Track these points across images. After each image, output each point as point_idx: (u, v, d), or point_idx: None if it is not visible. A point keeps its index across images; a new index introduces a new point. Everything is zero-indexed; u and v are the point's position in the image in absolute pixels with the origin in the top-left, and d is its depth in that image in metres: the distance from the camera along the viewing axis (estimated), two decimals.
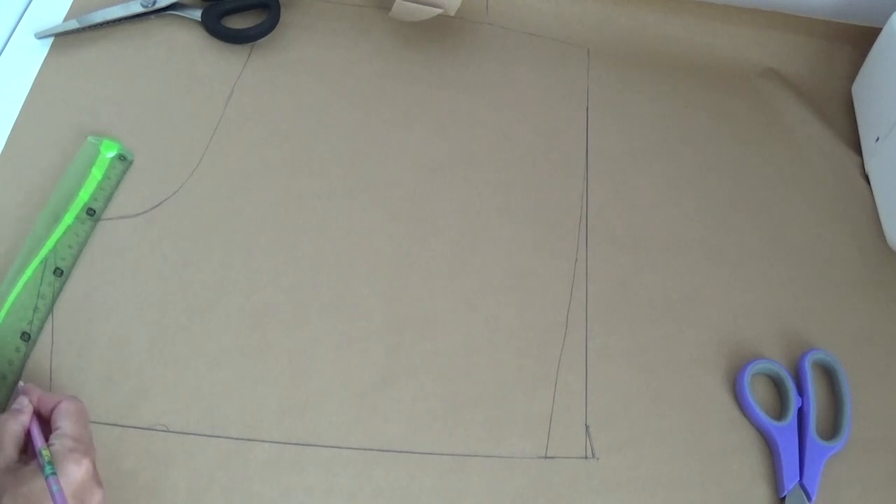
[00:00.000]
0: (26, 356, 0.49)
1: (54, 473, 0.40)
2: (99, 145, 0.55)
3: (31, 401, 0.44)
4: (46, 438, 0.42)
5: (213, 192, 0.56)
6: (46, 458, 0.40)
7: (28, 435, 0.43)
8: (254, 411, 0.49)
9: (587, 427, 0.51)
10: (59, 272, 0.51)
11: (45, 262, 0.51)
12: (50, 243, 0.51)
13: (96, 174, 0.54)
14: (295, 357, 0.51)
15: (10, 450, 0.41)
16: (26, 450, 0.43)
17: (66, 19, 0.62)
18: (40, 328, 0.50)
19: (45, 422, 0.44)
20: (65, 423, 0.43)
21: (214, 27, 0.62)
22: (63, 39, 0.61)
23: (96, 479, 0.42)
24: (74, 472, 0.40)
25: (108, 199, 0.55)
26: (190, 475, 0.47)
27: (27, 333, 0.49)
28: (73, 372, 0.49)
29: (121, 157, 0.56)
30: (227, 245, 0.54)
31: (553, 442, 0.51)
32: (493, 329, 0.54)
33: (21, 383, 0.45)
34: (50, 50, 0.60)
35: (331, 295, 0.54)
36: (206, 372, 0.50)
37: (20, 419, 0.43)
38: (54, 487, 0.39)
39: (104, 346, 0.50)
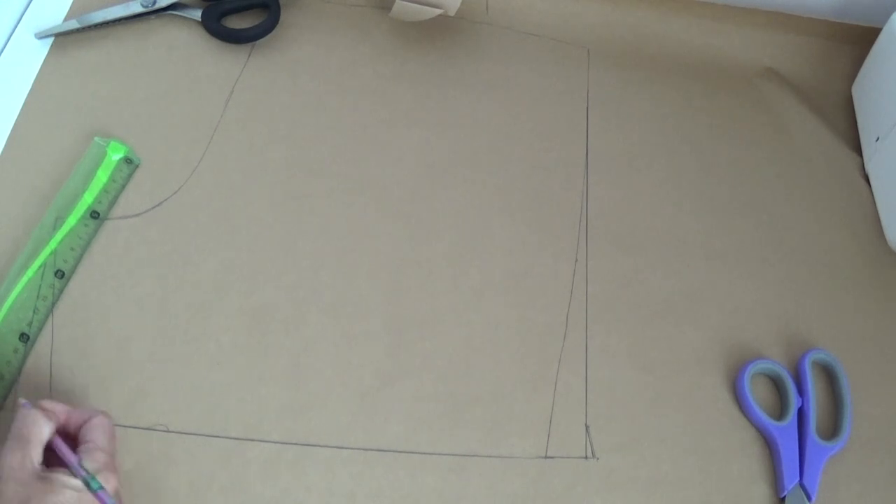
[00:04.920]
0: (25, 357, 0.49)
1: (102, 487, 0.39)
2: (106, 147, 0.55)
3: (59, 418, 0.42)
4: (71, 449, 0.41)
5: (213, 192, 0.56)
6: (91, 473, 0.40)
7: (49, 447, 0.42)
8: (254, 411, 0.49)
9: (587, 427, 0.51)
10: (60, 274, 0.51)
11: (46, 263, 0.51)
12: (52, 245, 0.51)
13: (102, 176, 0.54)
14: (295, 357, 0.51)
15: (37, 452, 0.40)
16: (47, 462, 0.41)
17: (66, 19, 0.62)
18: (39, 329, 0.50)
19: (69, 437, 0.43)
20: (98, 437, 0.42)
21: (214, 27, 0.62)
22: (63, 39, 0.61)
23: (119, 496, 0.41)
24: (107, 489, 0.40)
25: (113, 202, 0.54)
26: (190, 475, 0.47)
27: (26, 334, 0.49)
28: (73, 372, 0.49)
29: (127, 160, 0.55)
30: (227, 245, 0.54)
31: (553, 442, 0.51)
32: (493, 329, 0.54)
33: (22, 400, 0.42)
34: (50, 50, 0.60)
35: (331, 295, 0.54)
36: (206, 372, 0.50)
37: (50, 426, 0.41)
38: (110, 501, 0.39)
39: (104, 346, 0.50)
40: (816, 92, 0.68)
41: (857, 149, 0.65)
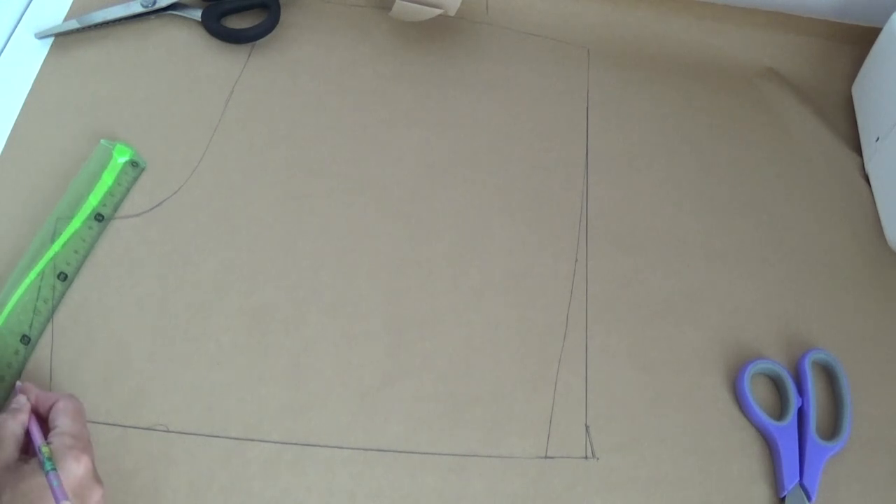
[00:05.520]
0: (25, 359, 0.49)
1: (54, 469, 0.40)
2: (112, 149, 0.55)
3: (28, 399, 0.44)
4: (45, 437, 0.42)
5: (213, 192, 0.56)
6: (46, 455, 0.40)
7: (27, 434, 0.43)
8: (254, 411, 0.49)
9: (587, 427, 0.51)
10: (63, 276, 0.51)
11: (49, 265, 0.51)
12: (56, 247, 0.51)
13: (107, 179, 0.54)
14: (295, 357, 0.51)
15: (11, 448, 0.41)
16: (27, 450, 0.43)
17: (66, 19, 0.62)
18: (41, 331, 0.50)
19: (42, 420, 0.44)
20: (63, 421, 0.43)
21: (214, 27, 0.62)
22: (63, 39, 0.61)
23: (95, 476, 0.42)
24: (74, 469, 0.40)
25: (118, 205, 0.54)
26: (190, 475, 0.47)
27: (27, 336, 0.49)
28: (73, 372, 0.49)
29: (133, 164, 0.55)
30: (227, 245, 0.54)
31: (553, 442, 0.51)
32: (493, 329, 0.54)
33: (18, 382, 0.45)
34: (50, 50, 0.60)
35: (331, 295, 0.54)
36: (206, 372, 0.50)
37: (19, 418, 0.43)
38: (54, 482, 0.39)
39: (104, 347, 0.50)
40: (816, 92, 0.68)
41: (857, 149, 0.65)
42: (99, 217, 0.53)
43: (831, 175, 0.64)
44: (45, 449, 0.41)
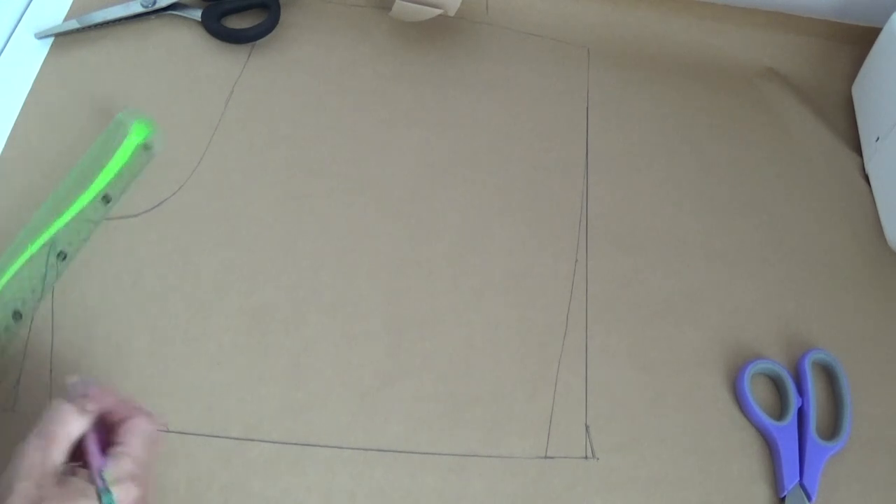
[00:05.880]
0: (14, 335, 0.48)
1: (112, 502, 0.36)
2: (129, 126, 0.53)
3: (100, 404, 0.39)
4: (103, 447, 0.38)
5: (213, 192, 0.56)
6: (109, 481, 0.37)
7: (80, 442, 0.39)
8: (254, 411, 0.49)
9: (587, 427, 0.51)
10: (62, 255, 0.51)
11: (51, 242, 0.50)
12: (60, 223, 0.51)
13: (121, 157, 0.53)
14: (295, 357, 0.51)
15: (62, 451, 0.37)
16: (75, 457, 0.38)
17: (66, 19, 0.62)
18: (34, 309, 0.49)
19: (105, 427, 0.39)
20: (134, 443, 0.39)
21: (214, 27, 0.62)
22: (63, 39, 0.61)
23: None
24: (122, 501, 0.37)
25: (124, 188, 0.54)
26: (190, 475, 0.47)
27: (19, 312, 0.48)
28: (73, 372, 0.48)
29: (145, 147, 0.55)
30: (227, 245, 0.55)
31: (553, 442, 0.51)
32: (493, 329, 0.54)
33: (72, 379, 0.40)
34: (50, 50, 0.60)
35: (331, 295, 0.54)
36: (206, 372, 0.50)
37: (82, 423, 0.38)
38: None
39: (104, 346, 0.50)
40: (816, 92, 0.68)
41: (857, 149, 0.65)
42: (106, 198, 0.53)
43: (831, 175, 0.64)
44: (107, 476, 0.37)
